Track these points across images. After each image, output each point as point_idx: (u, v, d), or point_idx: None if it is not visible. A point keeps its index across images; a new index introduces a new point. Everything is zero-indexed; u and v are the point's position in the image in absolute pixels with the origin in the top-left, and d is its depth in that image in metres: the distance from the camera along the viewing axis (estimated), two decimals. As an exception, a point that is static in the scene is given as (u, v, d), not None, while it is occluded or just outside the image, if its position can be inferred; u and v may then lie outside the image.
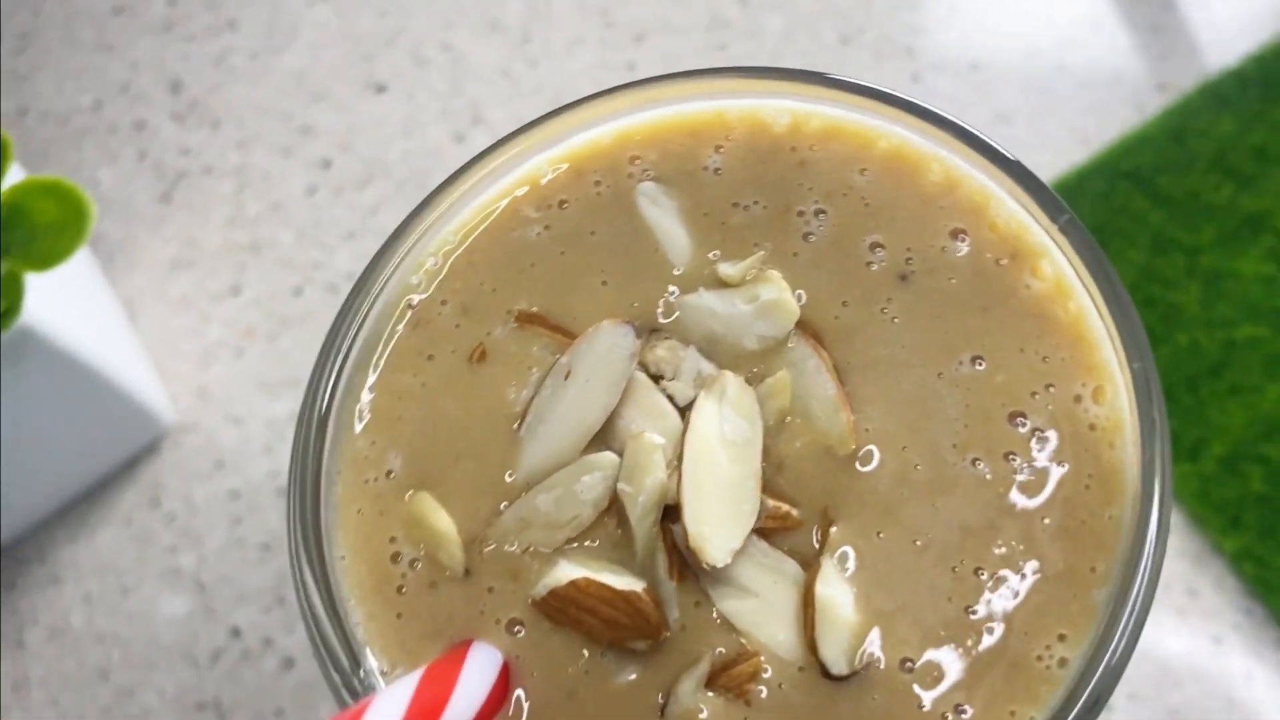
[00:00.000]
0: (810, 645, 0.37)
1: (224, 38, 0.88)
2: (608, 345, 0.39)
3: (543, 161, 0.43)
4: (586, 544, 0.39)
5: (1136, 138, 0.74)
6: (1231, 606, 0.68)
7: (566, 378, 0.40)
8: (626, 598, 0.37)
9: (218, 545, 0.76)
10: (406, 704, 0.34)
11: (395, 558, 0.40)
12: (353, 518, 0.40)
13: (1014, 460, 0.38)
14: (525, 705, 0.38)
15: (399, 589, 0.40)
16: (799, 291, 0.40)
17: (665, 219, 0.42)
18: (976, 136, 0.40)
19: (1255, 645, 0.67)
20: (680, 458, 0.38)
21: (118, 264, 0.82)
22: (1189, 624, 0.68)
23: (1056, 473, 0.37)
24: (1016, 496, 0.37)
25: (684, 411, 0.40)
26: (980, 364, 0.39)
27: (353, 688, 0.36)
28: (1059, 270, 0.39)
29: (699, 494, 0.37)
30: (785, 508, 0.38)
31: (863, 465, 0.39)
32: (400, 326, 0.42)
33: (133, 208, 0.84)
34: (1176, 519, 0.67)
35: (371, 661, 0.38)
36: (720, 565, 0.37)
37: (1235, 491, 0.68)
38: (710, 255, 0.41)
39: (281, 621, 0.74)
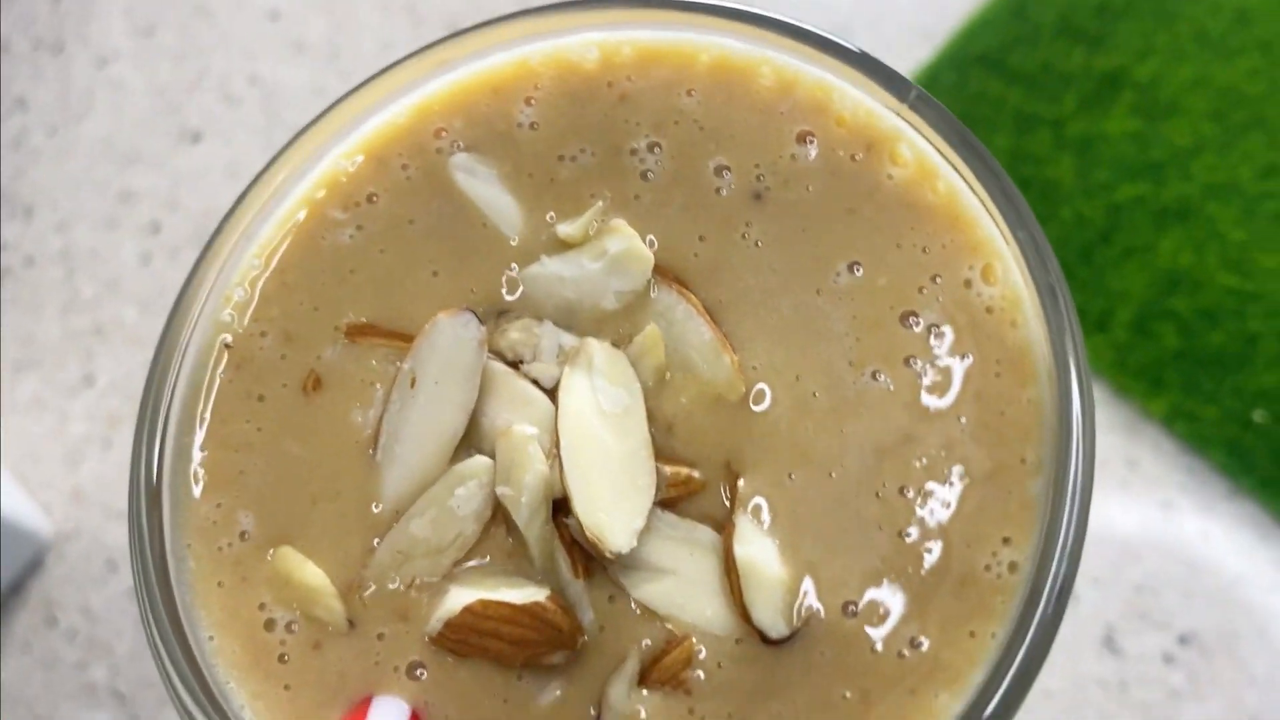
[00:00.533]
0: (742, 613, 0.33)
1: (16, 118, 0.82)
2: (450, 339, 0.35)
3: (338, 157, 0.39)
4: (476, 562, 0.35)
5: (979, 22, 0.71)
6: (1174, 468, 0.67)
7: (413, 385, 0.35)
8: (529, 611, 0.33)
9: (129, 649, 0.71)
10: None
11: (269, 625, 0.35)
12: (213, 593, 0.36)
13: (915, 364, 0.34)
14: (445, 754, 0.33)
15: (280, 658, 0.35)
16: (650, 237, 0.36)
17: (487, 190, 0.38)
18: (800, 28, 0.36)
19: (1204, 502, 0.65)
20: (558, 444, 0.34)
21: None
22: (1134, 496, 0.66)
23: (962, 366, 0.34)
24: (926, 401, 0.34)
25: (553, 394, 0.36)
26: (858, 270, 0.35)
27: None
28: (919, 152, 0.35)
29: (586, 479, 0.33)
30: (685, 471, 0.35)
31: (757, 406, 0.35)
32: (220, 372, 0.37)
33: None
34: (1099, 393, 0.65)
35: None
36: (626, 551, 0.33)
37: (1151, 353, 0.66)
38: (547, 218, 0.37)
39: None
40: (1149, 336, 0.67)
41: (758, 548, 0.34)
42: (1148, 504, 0.67)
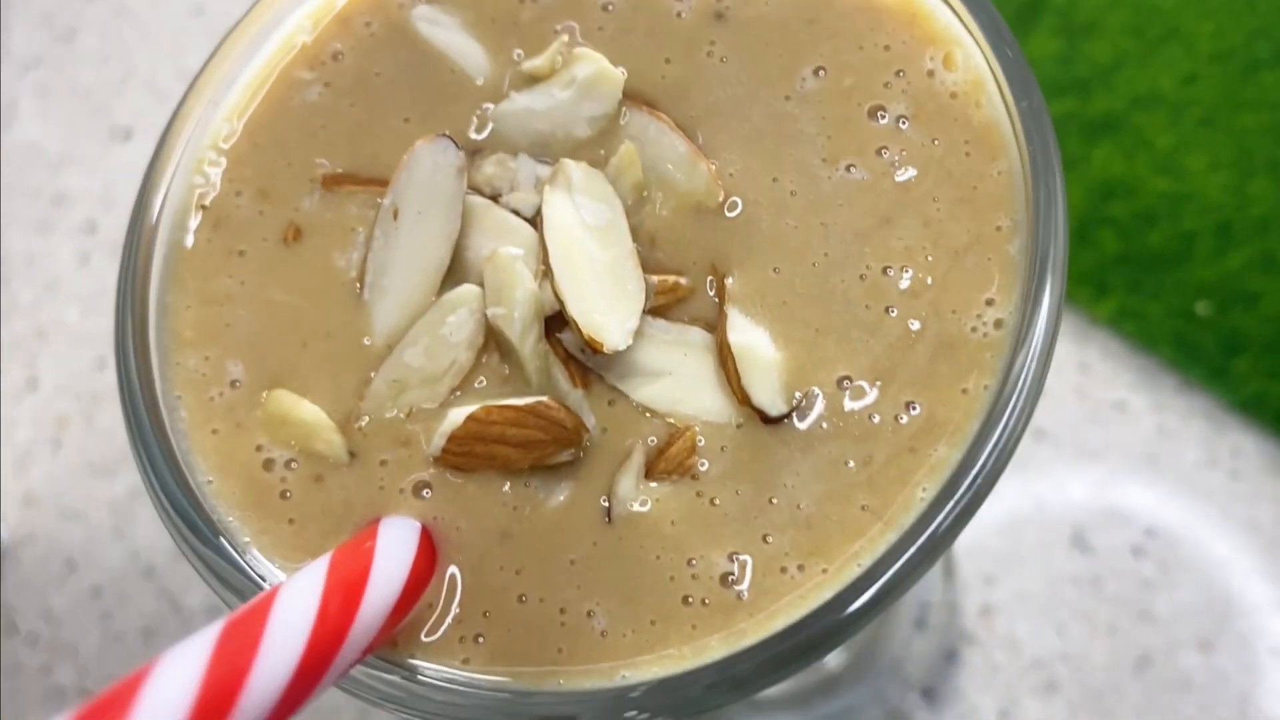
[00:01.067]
0: (741, 397, 0.34)
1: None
2: (429, 167, 0.36)
3: (301, 19, 0.39)
4: (474, 387, 0.36)
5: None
6: (1124, 368, 0.69)
7: (395, 218, 0.36)
8: (533, 410, 0.34)
9: (94, 649, 0.70)
10: (320, 589, 0.30)
11: (268, 465, 0.36)
12: (208, 440, 0.36)
13: (886, 153, 0.36)
14: (458, 564, 0.34)
15: (282, 495, 0.36)
16: (618, 68, 0.37)
17: (452, 37, 0.39)
18: None
19: (1157, 399, 0.68)
20: (545, 260, 0.35)
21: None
22: (1090, 399, 0.68)
23: (932, 150, 0.36)
24: (900, 186, 0.35)
25: (534, 221, 0.37)
26: (823, 74, 0.37)
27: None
28: (869, -44, 0.37)
29: (578, 284, 0.35)
30: (672, 279, 0.36)
31: (736, 211, 0.36)
32: (198, 232, 0.38)
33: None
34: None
35: (282, 575, 0.34)
36: (624, 348, 0.34)
37: (1093, 260, 0.68)
38: (513, 57, 0.38)
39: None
40: (1090, 244, 0.69)
41: (751, 335, 0.35)
42: (1103, 405, 0.68)
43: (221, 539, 0.35)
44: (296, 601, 0.30)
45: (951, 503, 0.32)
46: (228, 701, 0.27)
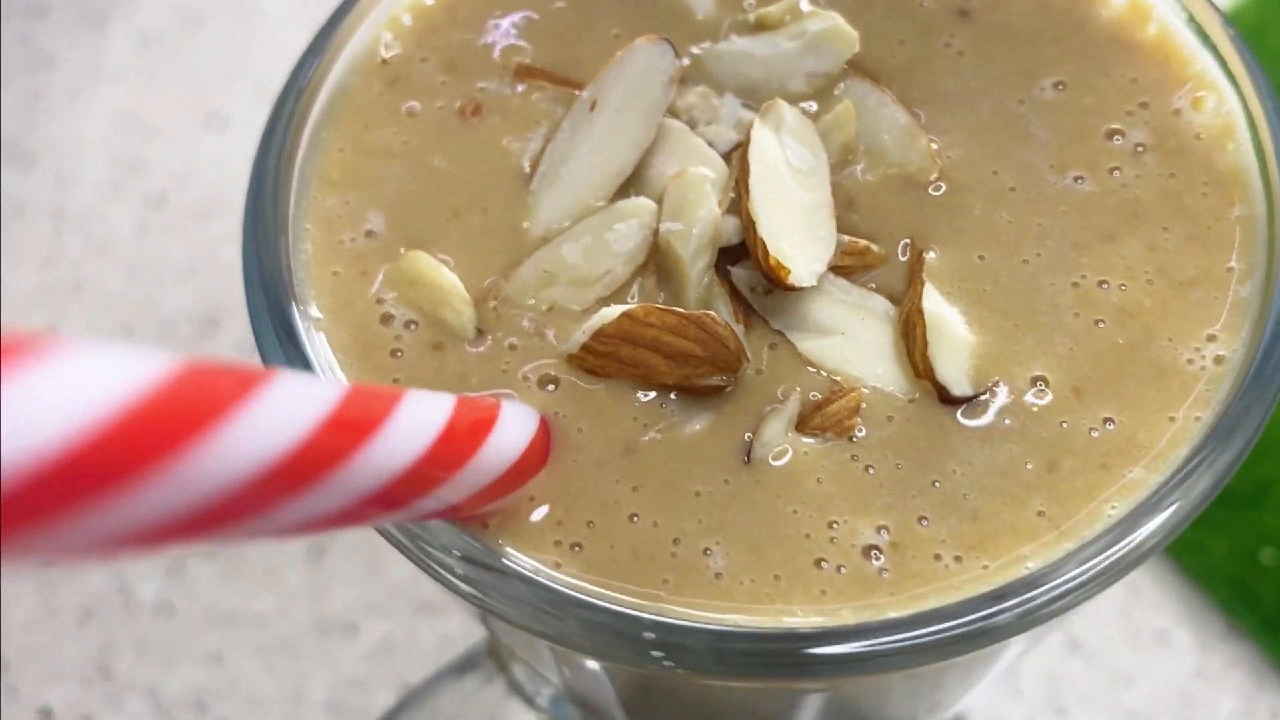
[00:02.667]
0: (923, 369, 0.31)
1: (41, 75, 0.80)
2: (643, 67, 0.34)
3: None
4: (624, 302, 0.32)
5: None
6: (1173, 598, 0.66)
7: (592, 109, 0.34)
8: (697, 321, 0.31)
9: (24, 618, 0.64)
10: (449, 411, 0.26)
11: (385, 320, 0.32)
12: (327, 280, 0.33)
13: (1118, 174, 0.34)
14: (572, 466, 0.30)
15: (393, 353, 0.32)
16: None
17: (684, -31, 0.37)
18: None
19: (1201, 637, 0.65)
20: (741, 186, 0.32)
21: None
22: (1133, 622, 0.65)
23: (1168, 182, 0.34)
24: (1129, 207, 0.33)
25: (727, 158, 0.34)
26: (1062, 88, 0.35)
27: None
28: (1133, -6, 0.36)
29: (773, 212, 0.32)
30: (864, 243, 0.33)
31: (950, 193, 0.33)
32: (371, 84, 0.35)
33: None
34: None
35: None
36: (808, 284, 0.31)
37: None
38: (744, 4, 0.36)
39: (105, 695, 0.62)
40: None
41: (945, 309, 0.32)
42: (1144, 631, 0.64)
43: (315, 358, 0.31)
44: (426, 406, 0.26)
45: (1145, 524, 0.29)
46: (322, 468, 0.23)
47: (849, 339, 0.33)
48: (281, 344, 0.31)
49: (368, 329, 0.33)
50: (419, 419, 0.25)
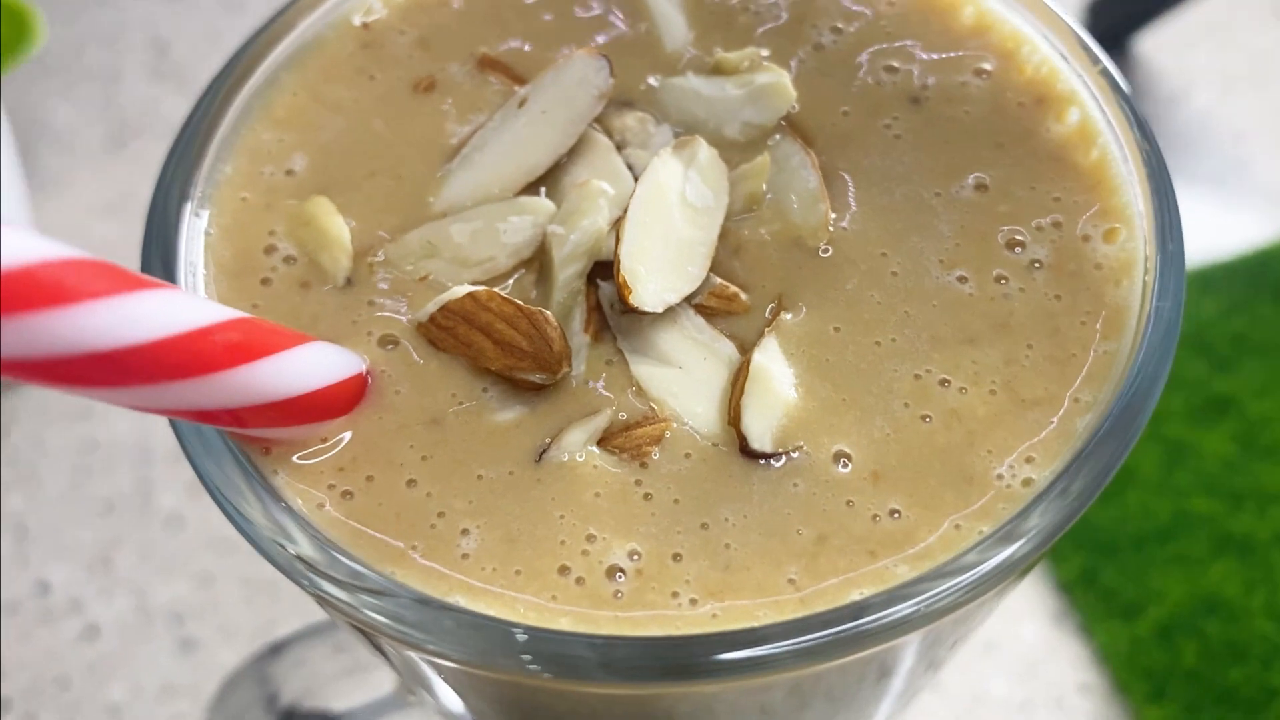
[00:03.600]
0: (732, 416, 0.31)
1: (226, 17, 0.85)
2: (577, 77, 0.35)
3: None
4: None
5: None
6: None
7: (520, 107, 0.35)
8: (531, 316, 0.31)
9: (56, 494, 0.68)
10: (222, 317, 0.27)
11: (269, 250, 0.34)
12: (233, 201, 0.35)
13: (1005, 284, 0.33)
14: (375, 422, 0.31)
15: (263, 281, 0.34)
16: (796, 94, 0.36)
17: (667, 7, 0.38)
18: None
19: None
20: (629, 205, 0.33)
21: (48, 194, 0.76)
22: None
23: (1051, 304, 0.33)
24: (1000, 316, 0.32)
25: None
26: (983, 190, 0.34)
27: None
28: (1087, 118, 0.35)
29: (642, 236, 0.33)
30: (733, 288, 0.33)
31: (832, 262, 0.33)
32: (344, 43, 0.37)
33: (81, 148, 0.79)
34: (1101, 682, 0.61)
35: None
36: (648, 309, 0.32)
37: (1165, 662, 0.62)
38: (712, 50, 0.37)
39: (101, 588, 0.65)
40: (1169, 646, 0.63)
41: (777, 366, 0.32)
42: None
43: (182, 259, 0.33)
44: (182, 304, 0.27)
45: (883, 613, 0.28)
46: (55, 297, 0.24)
47: (684, 374, 0.33)
48: (160, 239, 0.33)
49: (249, 254, 0.35)
50: (165, 308, 0.27)
